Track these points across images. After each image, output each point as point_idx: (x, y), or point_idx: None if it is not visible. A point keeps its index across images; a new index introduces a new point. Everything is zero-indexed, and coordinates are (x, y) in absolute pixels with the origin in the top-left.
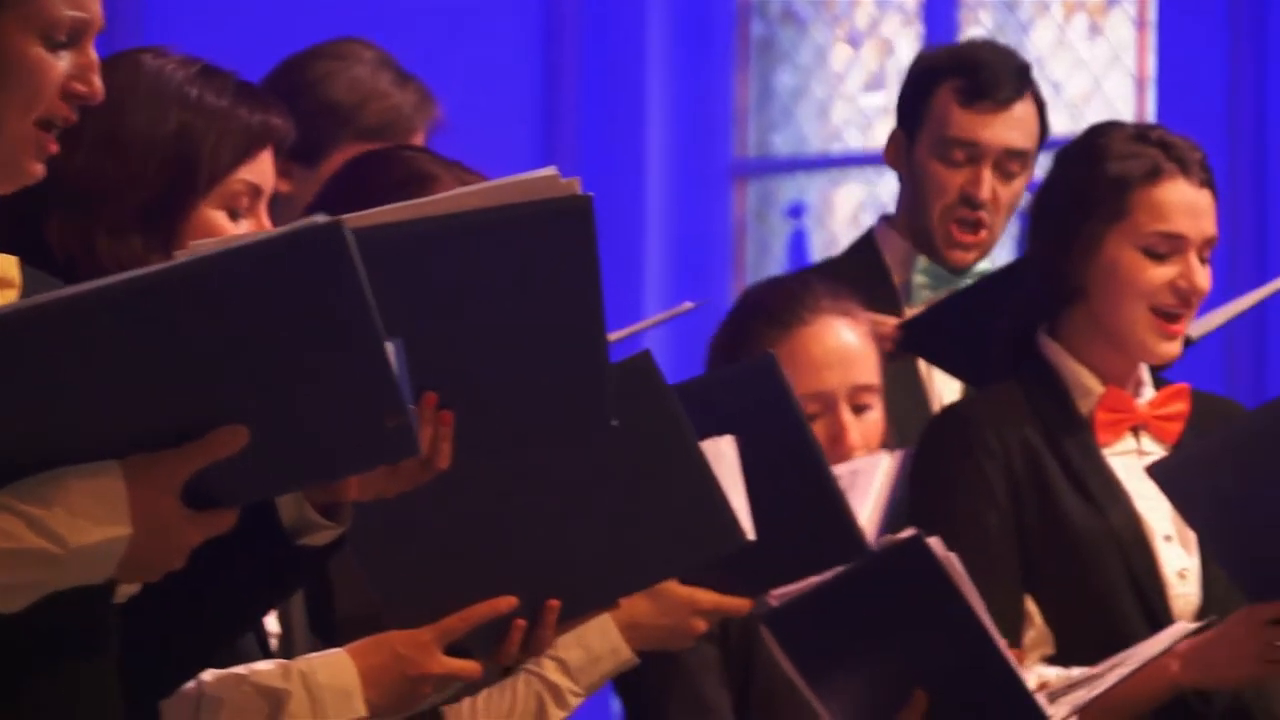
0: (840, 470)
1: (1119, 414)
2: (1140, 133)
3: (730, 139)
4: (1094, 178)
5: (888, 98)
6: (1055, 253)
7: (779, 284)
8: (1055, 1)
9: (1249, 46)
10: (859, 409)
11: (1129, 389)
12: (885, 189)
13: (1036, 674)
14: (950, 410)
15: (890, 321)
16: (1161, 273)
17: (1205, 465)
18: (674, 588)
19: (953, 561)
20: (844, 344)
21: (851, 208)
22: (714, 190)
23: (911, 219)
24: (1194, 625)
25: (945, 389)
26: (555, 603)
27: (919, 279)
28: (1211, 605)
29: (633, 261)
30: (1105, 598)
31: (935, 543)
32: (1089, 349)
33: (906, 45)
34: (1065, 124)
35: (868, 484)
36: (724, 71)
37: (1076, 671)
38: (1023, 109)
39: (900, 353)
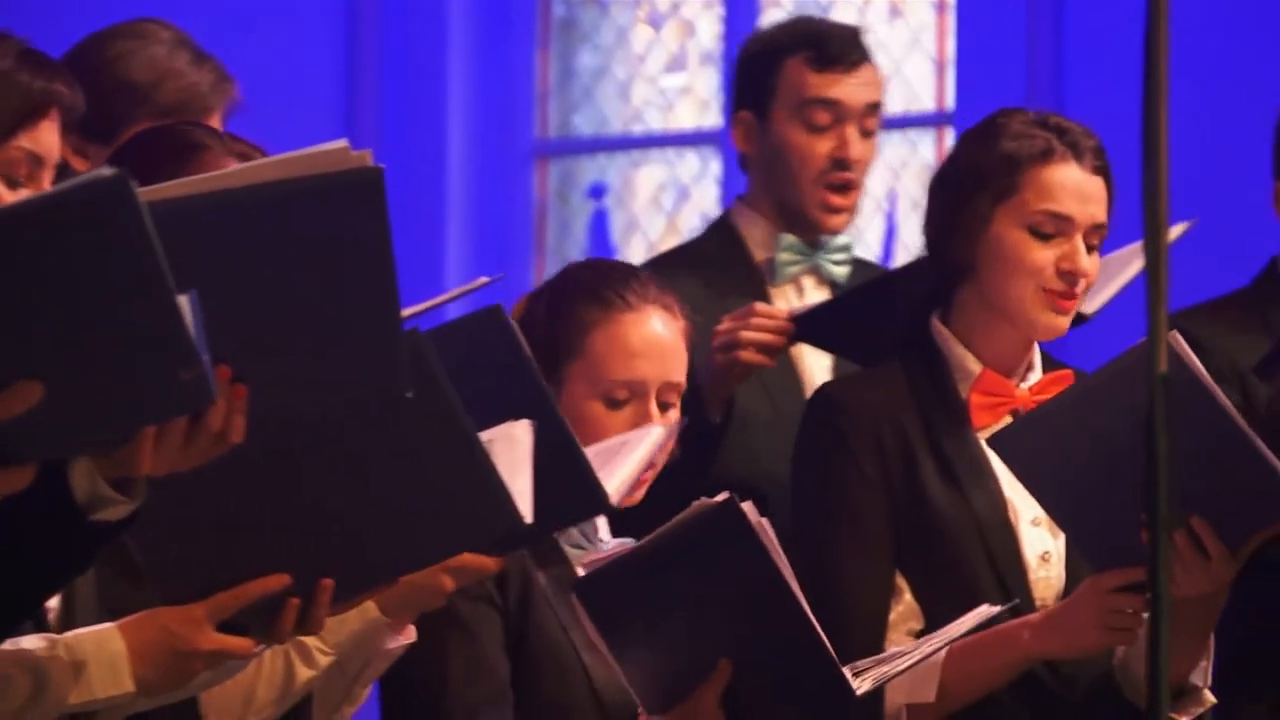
0: (612, 441)
1: (995, 397)
2: (1040, 118)
3: (532, 119)
4: (986, 156)
5: (688, 79)
6: (946, 230)
7: (608, 265)
8: None
9: (1047, 30)
10: (664, 405)
11: (1016, 372)
12: (686, 170)
13: (894, 647)
14: (827, 389)
15: (780, 313)
16: (1047, 254)
17: (1045, 431)
18: None
19: (765, 528)
20: (663, 337)
21: (652, 189)
22: (515, 171)
23: (772, 194)
24: (997, 609)
25: (816, 368)
26: (329, 582)
27: (784, 256)
28: (1076, 586)
29: (434, 242)
30: (966, 580)
31: (748, 508)
32: (977, 330)
33: (707, 27)
34: None
35: (632, 450)
36: (525, 52)
37: (892, 649)
38: (870, 69)
39: (792, 342)
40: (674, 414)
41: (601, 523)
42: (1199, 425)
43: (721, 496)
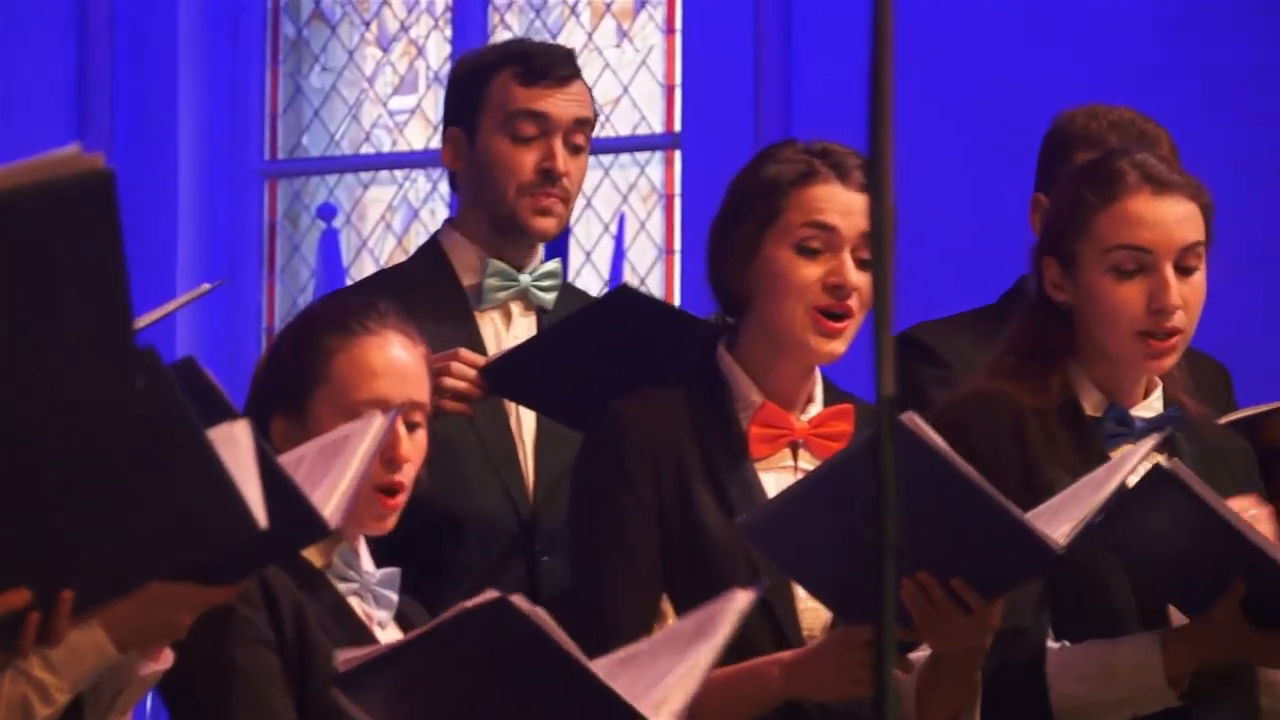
0: (334, 434)
1: (775, 429)
2: (808, 145)
3: (262, 140)
4: (752, 183)
5: (417, 100)
6: (722, 261)
7: (345, 297)
8: (584, 6)
9: (774, 53)
10: (411, 426)
11: (797, 403)
12: (415, 192)
13: None
14: (617, 406)
15: (479, 362)
16: (813, 270)
17: (786, 509)
18: (153, 584)
19: (541, 615)
20: (405, 359)
21: (381, 210)
22: (244, 191)
23: (480, 214)
24: (751, 594)
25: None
26: (68, 594)
27: (490, 281)
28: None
29: (164, 261)
30: None
31: (519, 600)
32: (759, 359)
33: (435, 48)
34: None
35: (353, 447)
36: (255, 71)
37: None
38: (579, 87)
39: (488, 396)
40: (421, 435)
41: (363, 550)
42: (940, 489)
43: (489, 595)
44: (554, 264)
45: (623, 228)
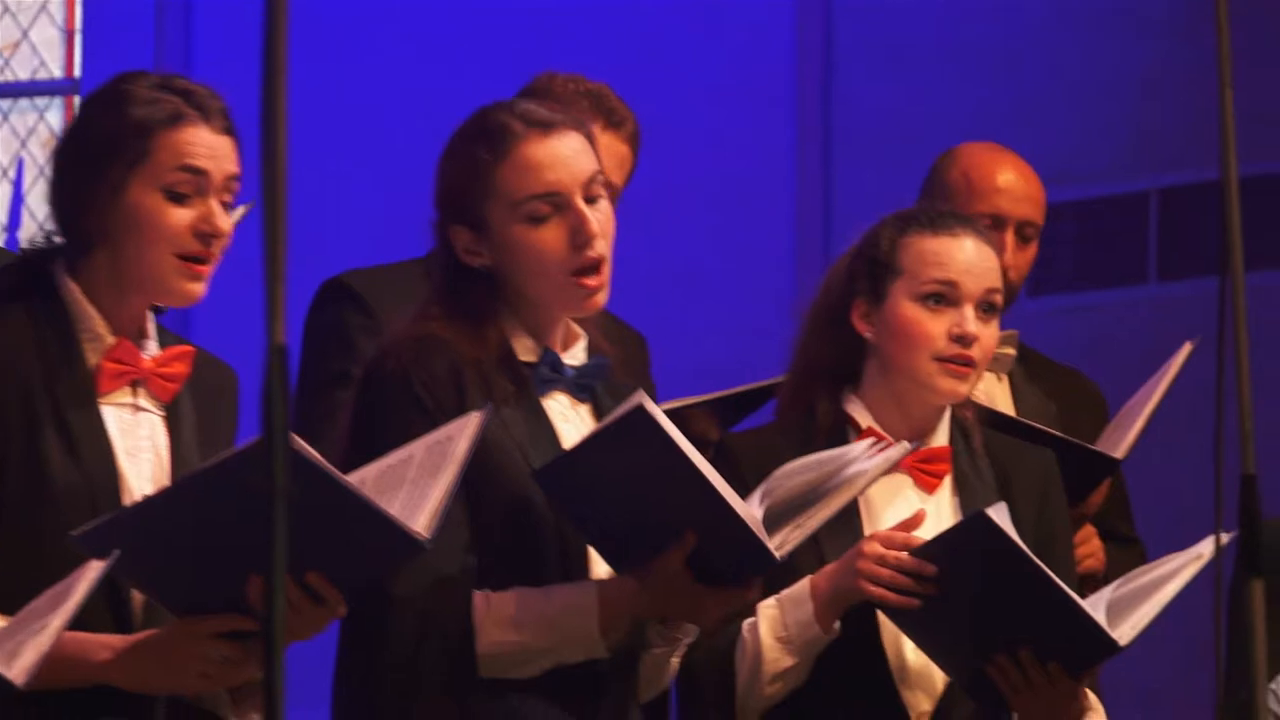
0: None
1: (125, 366)
2: (164, 81)
3: None
4: (118, 123)
5: None
6: (77, 199)
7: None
8: None
9: (174, 3)
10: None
11: (141, 341)
12: None
13: None
14: None
15: None
16: (183, 214)
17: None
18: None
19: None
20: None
21: None
22: None
23: None
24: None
25: None
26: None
27: None
28: None
29: None
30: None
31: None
32: (105, 293)
33: None
34: None
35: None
36: None
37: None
38: None
39: None
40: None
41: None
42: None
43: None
44: None
45: (21, 173)
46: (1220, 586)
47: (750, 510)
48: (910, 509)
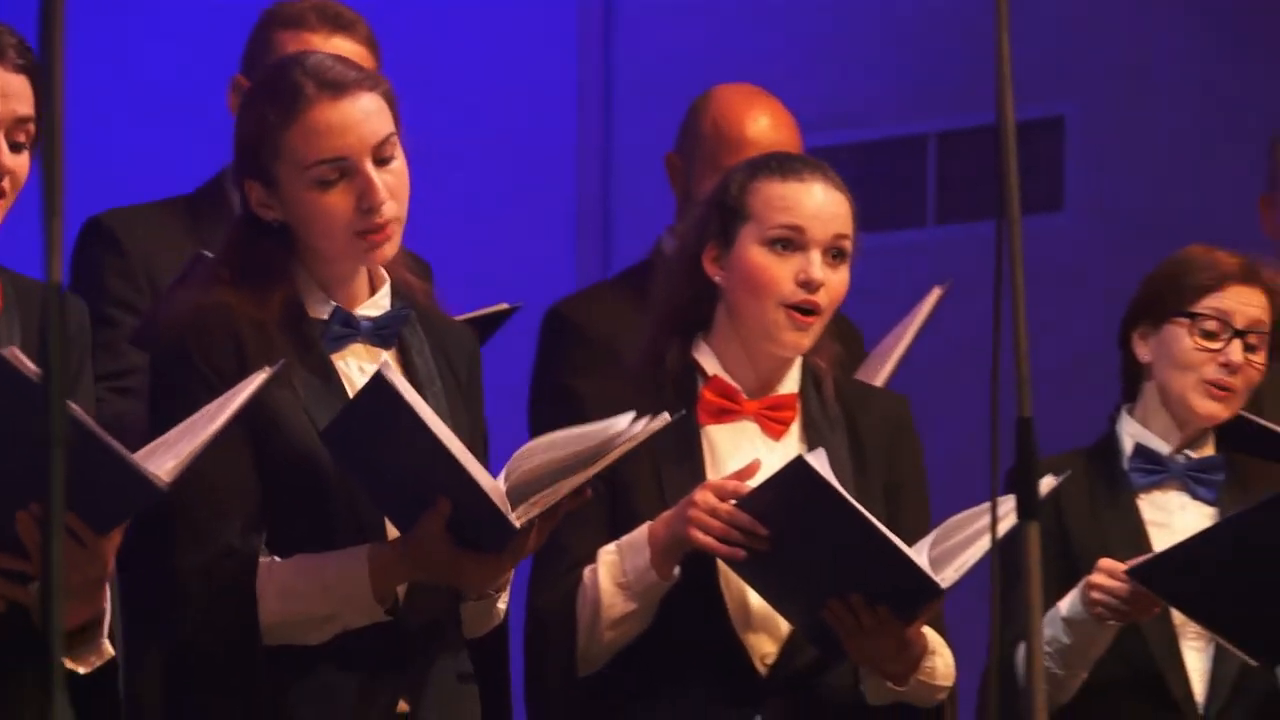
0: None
1: None
2: None
3: None
4: None
5: None
6: None
7: None
8: None
9: None
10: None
11: None
12: None
13: None
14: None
15: None
16: None
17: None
18: None
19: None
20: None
21: None
22: None
23: None
24: None
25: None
26: None
27: None
28: None
29: None
30: None
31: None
32: None
33: None
34: None
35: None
36: None
37: None
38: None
39: None
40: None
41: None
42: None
43: None
44: None
45: None
46: (994, 531)
47: (494, 481)
48: (755, 456)
